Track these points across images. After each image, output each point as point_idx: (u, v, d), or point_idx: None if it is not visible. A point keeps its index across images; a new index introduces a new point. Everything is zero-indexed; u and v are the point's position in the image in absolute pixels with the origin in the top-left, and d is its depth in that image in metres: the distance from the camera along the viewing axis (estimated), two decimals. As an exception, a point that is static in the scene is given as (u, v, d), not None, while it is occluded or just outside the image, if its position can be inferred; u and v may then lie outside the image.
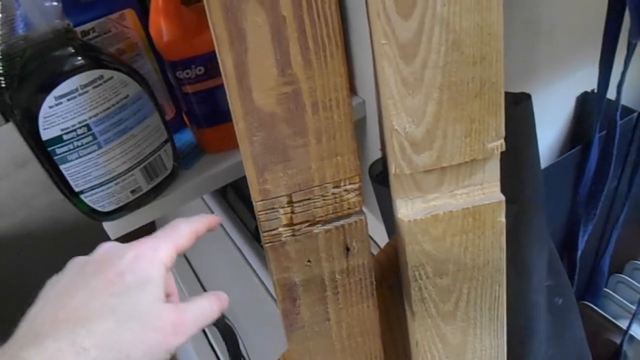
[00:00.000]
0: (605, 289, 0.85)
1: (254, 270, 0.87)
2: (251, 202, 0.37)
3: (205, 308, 0.34)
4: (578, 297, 0.83)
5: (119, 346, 0.29)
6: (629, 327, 0.74)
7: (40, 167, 0.47)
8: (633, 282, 0.84)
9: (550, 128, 0.71)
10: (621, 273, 0.88)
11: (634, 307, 0.76)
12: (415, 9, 0.31)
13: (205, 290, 1.06)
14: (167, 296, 0.34)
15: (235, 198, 1.02)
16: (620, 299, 0.83)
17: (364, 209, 0.40)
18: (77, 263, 0.34)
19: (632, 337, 0.76)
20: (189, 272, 1.13)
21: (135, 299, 0.31)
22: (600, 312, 0.79)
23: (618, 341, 0.77)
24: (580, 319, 0.65)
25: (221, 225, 0.99)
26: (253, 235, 0.92)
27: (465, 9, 0.32)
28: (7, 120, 0.45)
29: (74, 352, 0.27)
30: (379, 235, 0.70)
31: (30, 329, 0.29)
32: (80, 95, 0.43)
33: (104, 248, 0.34)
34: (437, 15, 0.32)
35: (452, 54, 0.33)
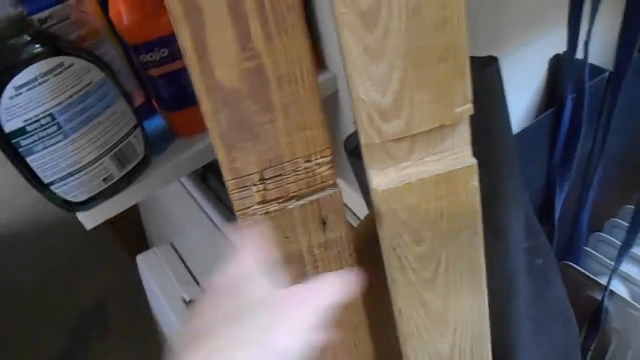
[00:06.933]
0: (586, 248, 0.86)
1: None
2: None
3: None
4: (559, 258, 0.84)
5: None
6: (608, 282, 0.75)
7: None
8: (612, 239, 0.86)
9: (524, 91, 0.71)
10: (601, 231, 0.89)
11: (613, 264, 0.78)
12: (374, -25, 0.31)
13: (194, 278, 1.06)
14: None
15: (216, 183, 1.02)
16: (601, 256, 0.84)
17: (342, 182, 0.40)
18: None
19: (612, 292, 0.77)
20: (177, 260, 1.13)
21: None
22: (581, 270, 0.81)
23: (599, 297, 0.78)
24: (561, 278, 0.66)
25: (203, 211, 0.98)
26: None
27: (423, -27, 0.31)
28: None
29: None
30: (360, 208, 0.70)
31: None
32: (40, 84, 0.42)
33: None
34: (396, -20, 0.31)
35: (414, 19, 0.33)
